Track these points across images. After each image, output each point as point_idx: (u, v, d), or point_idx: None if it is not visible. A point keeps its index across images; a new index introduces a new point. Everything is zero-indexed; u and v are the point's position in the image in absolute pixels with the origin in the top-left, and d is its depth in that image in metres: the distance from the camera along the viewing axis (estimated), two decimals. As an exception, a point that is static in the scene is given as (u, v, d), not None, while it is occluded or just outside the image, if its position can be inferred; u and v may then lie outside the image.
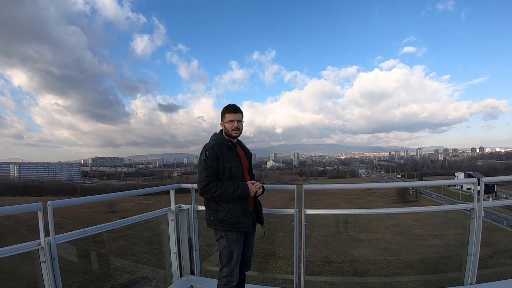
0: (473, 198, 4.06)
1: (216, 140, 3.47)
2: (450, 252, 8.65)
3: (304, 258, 4.07)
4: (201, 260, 4.67)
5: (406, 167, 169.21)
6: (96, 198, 3.59)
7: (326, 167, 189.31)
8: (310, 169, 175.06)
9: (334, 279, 6.65)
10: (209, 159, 3.30)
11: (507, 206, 48.14)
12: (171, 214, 4.45)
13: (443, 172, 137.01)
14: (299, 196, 4.03)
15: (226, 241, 3.35)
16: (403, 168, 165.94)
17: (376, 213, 4.63)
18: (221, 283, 3.37)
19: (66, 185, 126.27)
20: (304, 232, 4.05)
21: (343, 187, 8.83)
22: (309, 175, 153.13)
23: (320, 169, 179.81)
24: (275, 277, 5.83)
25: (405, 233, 16.44)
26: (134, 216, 3.97)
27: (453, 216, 11.09)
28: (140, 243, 7.86)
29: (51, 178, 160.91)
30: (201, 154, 3.38)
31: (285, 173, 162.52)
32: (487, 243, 13.23)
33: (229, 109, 3.54)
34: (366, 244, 12.79)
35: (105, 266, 5.85)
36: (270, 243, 8.13)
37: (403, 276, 7.12)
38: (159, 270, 5.04)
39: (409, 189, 69.57)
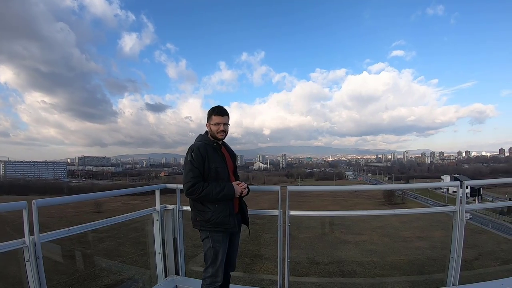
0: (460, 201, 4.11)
1: (202, 141, 3.49)
2: (435, 253, 8.75)
3: (288, 259, 4.08)
4: (186, 260, 4.67)
5: (393, 169, 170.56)
6: (81, 197, 3.59)
7: (313, 169, 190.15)
8: (298, 171, 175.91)
9: (320, 280, 6.69)
10: (195, 160, 3.31)
11: (493, 208, 48.92)
12: (156, 214, 4.44)
13: (430, 175, 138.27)
14: (284, 197, 4.05)
15: (211, 241, 3.36)
16: (390, 170, 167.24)
17: (360, 215, 4.71)
18: (206, 283, 3.37)
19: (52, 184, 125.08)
20: (288, 233, 4.06)
21: (327, 189, 8.91)
22: (296, 177, 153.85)
23: (308, 171, 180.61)
24: (261, 277, 5.87)
25: (392, 235, 16.56)
26: (119, 216, 3.95)
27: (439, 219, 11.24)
28: (126, 244, 7.84)
29: (37, 177, 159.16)
30: (186, 155, 3.38)
31: (272, 175, 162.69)
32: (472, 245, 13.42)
33: (216, 111, 3.54)
34: (352, 245, 12.86)
35: (91, 266, 5.83)
36: (257, 244, 8.15)
37: (389, 278, 7.18)
38: (145, 270, 5.02)
39: (396, 191, 70.16)
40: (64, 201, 3.46)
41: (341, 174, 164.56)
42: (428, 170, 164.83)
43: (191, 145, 3.44)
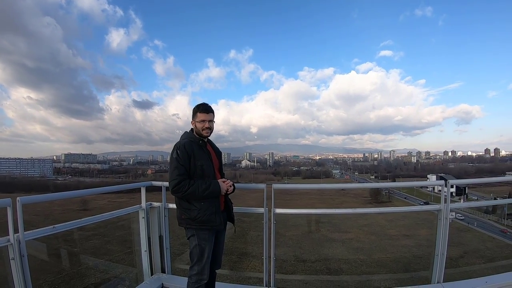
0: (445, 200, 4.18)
1: (187, 138, 3.47)
2: (421, 251, 8.83)
3: (273, 257, 4.11)
4: (172, 258, 4.66)
5: (380, 168, 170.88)
6: (65, 195, 3.56)
7: (300, 167, 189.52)
8: (285, 169, 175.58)
9: (307, 278, 6.70)
10: (181, 158, 3.29)
11: (478, 207, 49.57)
12: (142, 212, 4.42)
13: (416, 174, 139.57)
14: (270, 195, 4.07)
15: (197, 239, 3.35)
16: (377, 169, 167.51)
17: (346, 213, 4.72)
18: (192, 281, 3.36)
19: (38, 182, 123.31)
20: (273, 230, 4.09)
21: (313, 187, 8.99)
22: (283, 175, 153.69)
23: (295, 169, 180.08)
24: (248, 275, 5.87)
25: (378, 233, 16.70)
26: (104, 214, 3.92)
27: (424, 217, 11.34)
28: (113, 242, 7.78)
29: (23, 174, 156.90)
30: (172, 152, 3.37)
31: (259, 173, 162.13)
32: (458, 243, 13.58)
33: (201, 108, 3.53)
34: (339, 243, 12.95)
35: (78, 265, 5.77)
36: (244, 242, 8.14)
37: (376, 275, 7.24)
38: (132, 269, 4.98)
39: (382, 190, 70.65)
40: (49, 198, 3.44)
41: (328, 172, 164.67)
42: (414, 169, 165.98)
43: (176, 143, 3.42)
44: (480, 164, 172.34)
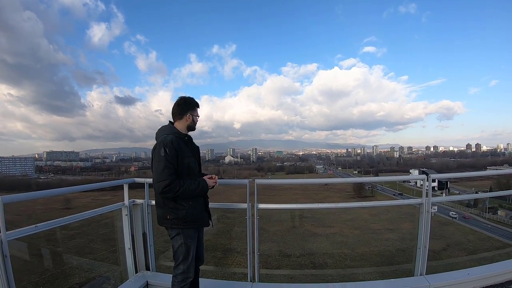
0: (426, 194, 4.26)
1: (172, 134, 3.31)
2: (404, 245, 8.97)
3: (258, 252, 4.14)
4: (156, 255, 4.64)
5: (363, 163, 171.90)
6: (47, 193, 3.50)
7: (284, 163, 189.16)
8: (268, 165, 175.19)
9: (292, 272, 6.73)
10: (169, 155, 3.15)
11: (459, 201, 50.43)
12: (125, 209, 4.39)
13: (398, 169, 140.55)
14: (253, 191, 4.09)
15: (183, 238, 3.29)
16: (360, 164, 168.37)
17: (328, 208, 4.77)
18: (177, 280, 3.33)
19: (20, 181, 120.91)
20: (257, 226, 4.12)
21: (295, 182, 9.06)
22: (267, 171, 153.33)
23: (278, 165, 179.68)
24: (233, 271, 5.89)
25: (362, 228, 16.87)
26: (87, 212, 3.86)
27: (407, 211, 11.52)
28: (97, 240, 7.71)
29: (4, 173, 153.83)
30: (158, 149, 3.19)
31: (243, 168, 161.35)
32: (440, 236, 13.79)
33: (197, 103, 3.53)
34: (323, 238, 13.08)
35: (62, 264, 5.71)
36: (228, 238, 8.17)
37: (360, 268, 7.33)
38: (116, 267, 4.94)
39: (365, 184, 71.32)
40: (31, 197, 3.39)
41: (311, 168, 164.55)
42: (397, 164, 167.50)
43: (161, 138, 3.25)
44: (462, 159, 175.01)
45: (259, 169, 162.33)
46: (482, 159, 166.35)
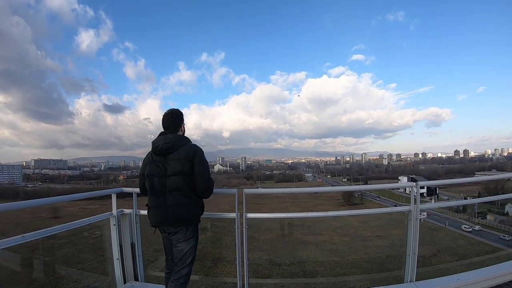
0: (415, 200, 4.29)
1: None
2: (394, 251, 8.98)
3: (246, 261, 4.11)
4: (145, 265, 4.60)
5: (352, 171, 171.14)
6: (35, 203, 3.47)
7: (273, 171, 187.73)
8: (258, 173, 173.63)
9: (283, 281, 6.73)
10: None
11: (448, 207, 50.91)
12: (113, 219, 4.36)
13: (387, 176, 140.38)
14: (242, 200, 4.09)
15: (195, 240, 3.53)
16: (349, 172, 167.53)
17: (317, 216, 4.79)
18: (180, 282, 3.40)
19: (7, 189, 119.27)
20: (246, 235, 4.10)
21: (284, 191, 9.10)
22: (256, 179, 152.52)
23: (267, 173, 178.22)
24: (223, 280, 5.86)
25: (352, 235, 16.92)
26: (74, 222, 3.84)
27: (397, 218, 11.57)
28: (85, 250, 7.62)
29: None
30: (202, 153, 3.59)
31: (232, 177, 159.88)
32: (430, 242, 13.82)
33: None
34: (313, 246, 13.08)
35: (50, 275, 5.64)
36: (218, 247, 8.12)
37: (351, 276, 7.33)
38: (105, 277, 4.90)
39: (355, 192, 71.53)
40: (18, 206, 3.36)
41: (300, 176, 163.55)
42: (386, 171, 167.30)
43: (194, 145, 3.62)
44: (450, 165, 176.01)
45: (248, 177, 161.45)
46: (470, 164, 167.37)
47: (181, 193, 3.40)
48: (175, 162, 3.43)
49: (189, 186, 3.42)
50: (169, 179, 3.41)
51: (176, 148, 3.48)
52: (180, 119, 3.73)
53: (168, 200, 3.41)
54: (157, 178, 3.46)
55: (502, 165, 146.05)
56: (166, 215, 3.41)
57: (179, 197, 3.40)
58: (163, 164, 3.47)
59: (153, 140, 3.63)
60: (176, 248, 3.47)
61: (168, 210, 3.41)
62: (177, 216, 3.42)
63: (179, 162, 3.42)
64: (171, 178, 3.41)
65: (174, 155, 3.46)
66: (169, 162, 3.45)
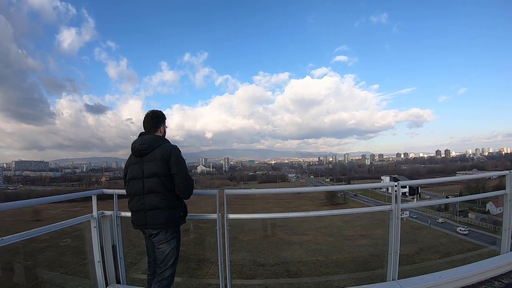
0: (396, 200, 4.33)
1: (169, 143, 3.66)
2: (378, 250, 9.07)
3: (229, 262, 4.10)
4: (127, 268, 4.56)
5: (335, 171, 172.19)
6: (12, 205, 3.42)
7: (256, 172, 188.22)
8: (241, 174, 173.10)
9: (267, 282, 6.74)
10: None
11: (430, 206, 51.73)
12: (94, 221, 4.30)
13: (370, 176, 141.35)
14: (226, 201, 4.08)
15: (176, 241, 3.51)
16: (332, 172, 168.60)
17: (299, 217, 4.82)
18: (163, 284, 3.40)
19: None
20: (227, 236, 4.09)
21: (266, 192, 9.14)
22: (239, 180, 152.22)
23: (251, 174, 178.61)
24: (208, 282, 5.86)
25: (335, 234, 17.08)
26: (54, 224, 3.77)
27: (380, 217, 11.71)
28: (68, 253, 7.52)
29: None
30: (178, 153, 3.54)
31: (215, 178, 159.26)
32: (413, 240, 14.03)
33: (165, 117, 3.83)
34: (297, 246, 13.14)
35: (32, 279, 5.55)
36: (202, 249, 8.10)
37: (335, 275, 7.39)
38: (87, 281, 4.84)
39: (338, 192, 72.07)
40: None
41: (284, 176, 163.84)
42: (368, 171, 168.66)
43: (170, 145, 3.57)
44: (432, 165, 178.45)
45: (231, 178, 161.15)
46: (452, 164, 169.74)
47: (158, 195, 3.39)
48: (151, 164, 3.42)
49: (166, 188, 3.41)
50: (146, 181, 3.41)
51: (151, 149, 3.47)
52: (159, 119, 3.71)
53: (146, 202, 3.41)
54: (135, 180, 3.47)
55: (483, 165, 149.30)
56: (145, 218, 3.42)
57: (156, 199, 3.39)
58: (140, 166, 3.47)
59: (132, 142, 3.61)
60: (158, 250, 3.46)
61: (146, 213, 3.41)
62: (155, 219, 3.41)
63: (155, 163, 3.41)
64: (148, 180, 3.41)
65: (149, 156, 3.45)
66: (145, 163, 3.45)
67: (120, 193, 4.03)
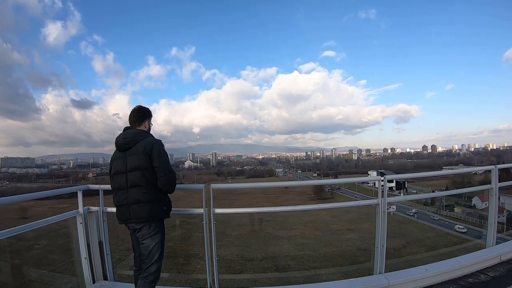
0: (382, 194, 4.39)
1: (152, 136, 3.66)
2: (365, 244, 9.18)
3: (216, 257, 4.10)
4: (114, 264, 4.53)
5: (322, 166, 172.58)
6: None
7: (244, 167, 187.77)
8: (228, 169, 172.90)
9: (255, 276, 6.78)
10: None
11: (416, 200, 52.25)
12: (79, 217, 4.25)
13: (357, 171, 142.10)
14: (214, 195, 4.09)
15: (160, 236, 3.48)
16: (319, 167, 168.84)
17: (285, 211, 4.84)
18: (149, 280, 3.38)
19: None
20: (214, 231, 4.09)
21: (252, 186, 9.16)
22: (227, 175, 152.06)
23: (238, 169, 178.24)
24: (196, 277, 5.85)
25: (323, 229, 17.15)
26: (39, 221, 3.72)
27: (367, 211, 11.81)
28: (55, 251, 7.47)
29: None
30: (161, 146, 3.53)
31: (203, 173, 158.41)
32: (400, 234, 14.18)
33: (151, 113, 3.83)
34: (285, 240, 13.18)
35: (20, 278, 5.49)
36: (190, 244, 8.10)
37: (323, 269, 7.46)
38: (75, 278, 4.82)
39: (325, 187, 72.30)
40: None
41: (271, 171, 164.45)
42: (355, 166, 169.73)
43: (153, 139, 3.56)
44: (418, 160, 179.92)
45: (219, 173, 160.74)
46: (438, 159, 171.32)
47: (140, 189, 3.37)
48: (133, 157, 3.41)
49: (148, 182, 3.39)
50: (129, 175, 3.41)
51: (134, 143, 3.46)
52: (145, 114, 3.72)
53: (130, 197, 3.40)
54: (120, 175, 3.46)
55: (469, 160, 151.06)
56: (128, 213, 3.40)
57: (139, 193, 3.38)
58: (124, 160, 3.46)
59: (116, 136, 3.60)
60: (143, 245, 3.45)
61: (130, 207, 3.40)
62: (138, 213, 3.40)
63: (137, 157, 3.40)
64: (131, 174, 3.40)
65: (132, 150, 3.45)
66: (129, 157, 3.44)
67: (106, 189, 3.97)
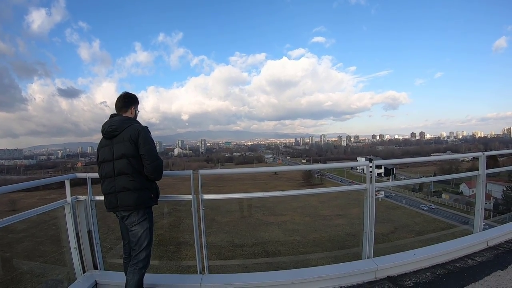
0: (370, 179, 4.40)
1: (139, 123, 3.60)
2: (354, 229, 9.28)
3: (205, 243, 4.13)
4: (104, 253, 4.51)
5: (311, 152, 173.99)
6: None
7: (233, 153, 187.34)
8: (217, 156, 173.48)
9: (245, 262, 6.84)
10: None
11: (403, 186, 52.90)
12: (68, 207, 4.21)
13: (346, 157, 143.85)
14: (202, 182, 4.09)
15: (149, 222, 3.47)
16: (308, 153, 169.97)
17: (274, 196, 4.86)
18: (139, 266, 3.39)
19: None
20: (203, 217, 4.10)
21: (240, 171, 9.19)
22: (216, 162, 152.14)
23: (227, 155, 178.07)
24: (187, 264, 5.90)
25: (312, 214, 17.30)
26: (26, 212, 3.66)
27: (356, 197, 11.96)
28: (46, 243, 7.47)
29: None
30: (147, 133, 3.48)
31: (192, 160, 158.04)
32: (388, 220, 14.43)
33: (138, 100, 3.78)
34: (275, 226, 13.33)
35: (11, 271, 5.47)
36: (180, 231, 8.12)
37: (313, 254, 7.54)
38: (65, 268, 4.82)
39: (315, 172, 72.89)
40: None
41: (260, 157, 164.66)
42: (344, 152, 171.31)
43: (140, 125, 3.52)
44: (407, 147, 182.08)
45: (208, 160, 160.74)
46: (426, 146, 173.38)
47: (127, 176, 3.37)
48: (120, 145, 3.40)
49: (135, 169, 3.38)
50: (116, 163, 3.40)
51: (120, 130, 3.43)
52: (131, 100, 3.67)
53: (117, 185, 3.40)
54: (107, 163, 3.45)
55: (457, 147, 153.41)
56: (116, 200, 3.40)
57: (126, 181, 3.37)
58: (110, 148, 3.45)
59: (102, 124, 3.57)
60: (131, 232, 3.45)
61: (117, 195, 3.40)
62: (125, 201, 3.39)
63: (123, 144, 3.38)
64: (117, 161, 3.39)
65: (119, 138, 3.42)
66: (115, 145, 3.42)
67: (94, 177, 3.94)
